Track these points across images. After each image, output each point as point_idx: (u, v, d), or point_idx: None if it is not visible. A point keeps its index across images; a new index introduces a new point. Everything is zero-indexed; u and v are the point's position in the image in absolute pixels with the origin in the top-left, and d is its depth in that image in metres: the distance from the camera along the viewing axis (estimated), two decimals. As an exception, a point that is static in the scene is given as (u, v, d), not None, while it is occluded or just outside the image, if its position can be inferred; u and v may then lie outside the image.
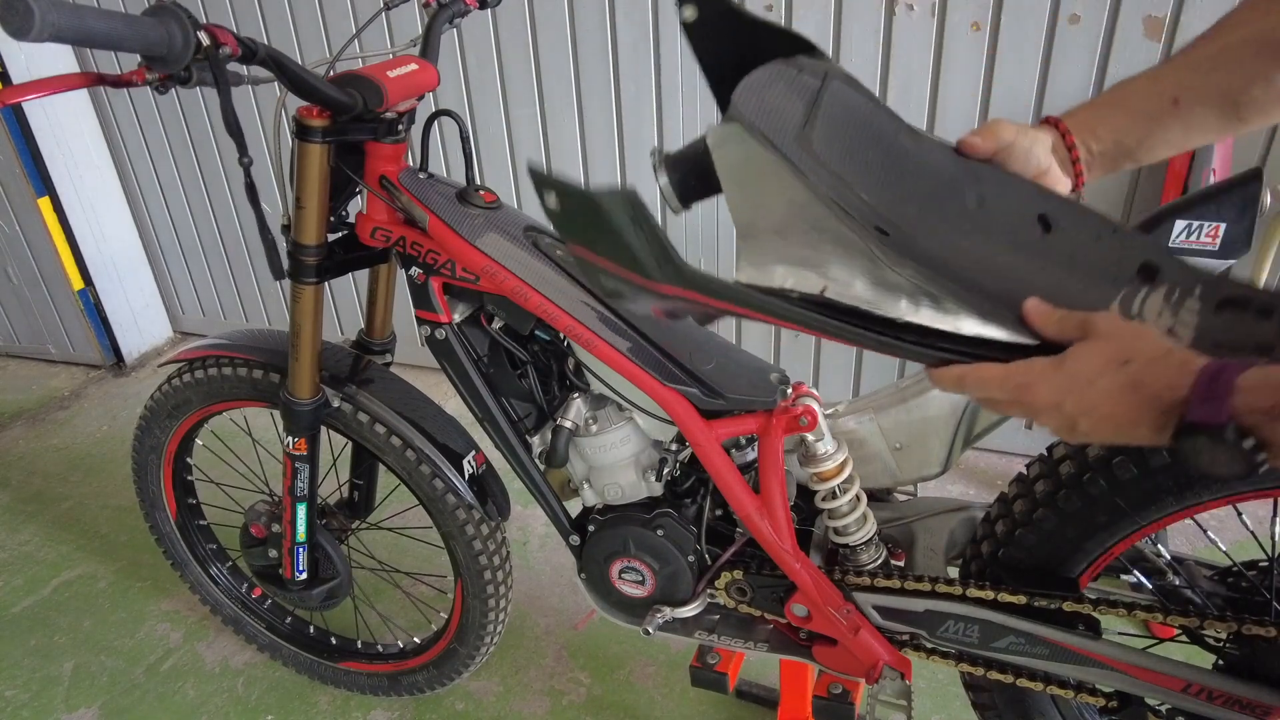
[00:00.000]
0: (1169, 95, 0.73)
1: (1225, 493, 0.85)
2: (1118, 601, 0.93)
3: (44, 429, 2.64)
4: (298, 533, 1.32)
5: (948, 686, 1.52)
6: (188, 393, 1.37)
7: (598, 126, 2.16)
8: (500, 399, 1.15)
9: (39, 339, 3.05)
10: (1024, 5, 1.68)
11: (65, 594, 1.93)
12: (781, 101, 0.71)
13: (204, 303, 3.07)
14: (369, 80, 0.98)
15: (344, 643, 1.62)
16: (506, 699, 1.59)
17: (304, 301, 1.14)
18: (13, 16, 0.68)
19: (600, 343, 1.00)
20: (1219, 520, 1.72)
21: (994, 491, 1.08)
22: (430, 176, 1.08)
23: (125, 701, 1.64)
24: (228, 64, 0.83)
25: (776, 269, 0.70)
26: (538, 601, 1.80)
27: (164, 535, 1.60)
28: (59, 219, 2.72)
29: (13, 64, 2.48)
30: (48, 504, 2.26)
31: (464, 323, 1.13)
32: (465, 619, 1.40)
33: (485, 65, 2.20)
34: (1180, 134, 0.75)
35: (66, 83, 0.87)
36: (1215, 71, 0.72)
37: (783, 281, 0.70)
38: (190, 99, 2.64)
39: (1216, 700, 0.90)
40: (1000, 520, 1.00)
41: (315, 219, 1.09)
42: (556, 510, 1.20)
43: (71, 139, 2.70)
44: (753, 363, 1.06)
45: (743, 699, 1.53)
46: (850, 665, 1.10)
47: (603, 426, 1.10)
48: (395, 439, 1.25)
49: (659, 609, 1.15)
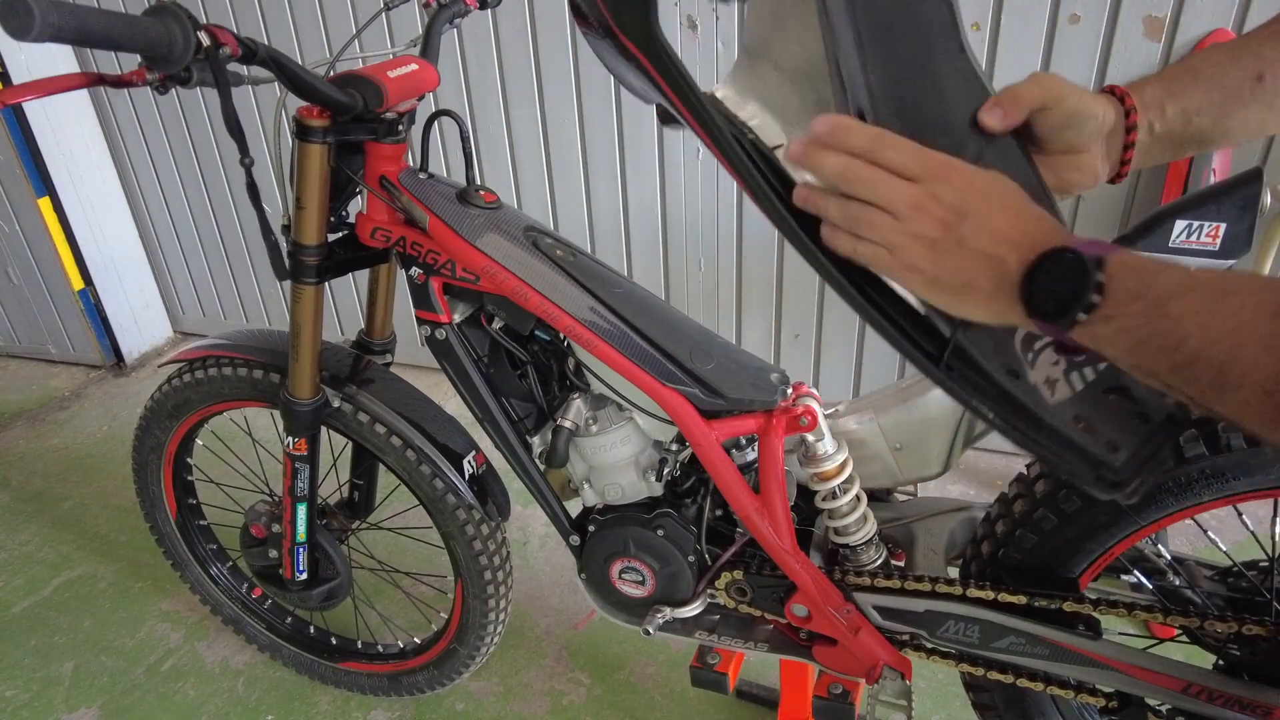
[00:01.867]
0: (1252, 70, 0.64)
1: (1225, 493, 0.85)
2: (1118, 602, 0.93)
3: (44, 429, 2.64)
4: (298, 533, 1.32)
5: (948, 687, 1.52)
6: (188, 393, 1.37)
7: (598, 126, 2.16)
8: (500, 399, 1.15)
9: (39, 339, 3.05)
10: (1024, 5, 1.68)
11: (65, 594, 1.93)
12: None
13: (204, 303, 3.07)
14: (369, 80, 0.98)
15: (344, 643, 1.62)
16: (507, 699, 1.59)
17: (304, 302, 1.14)
18: (13, 16, 0.68)
19: (600, 343, 1.00)
20: (1219, 520, 1.72)
21: (994, 491, 1.08)
22: (430, 176, 1.08)
23: (125, 702, 1.64)
24: (228, 64, 0.83)
25: (751, 102, 0.65)
26: (538, 602, 1.80)
27: (164, 535, 1.60)
28: (59, 219, 2.72)
29: (13, 64, 2.48)
30: (48, 504, 2.26)
31: (464, 323, 1.13)
32: (465, 619, 1.40)
33: (485, 65, 2.20)
34: (1260, 115, 0.66)
35: (66, 83, 0.87)
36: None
37: (749, 118, 0.65)
38: (190, 99, 2.64)
39: (1217, 700, 0.90)
40: (1000, 520, 1.00)
41: (315, 219, 1.09)
42: (556, 510, 1.20)
43: (71, 139, 2.70)
44: (753, 363, 1.06)
45: (743, 699, 1.53)
46: (850, 665, 1.10)
47: (603, 427, 1.10)
48: (395, 439, 1.25)
49: (659, 609, 1.15)
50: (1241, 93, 0.65)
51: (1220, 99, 0.65)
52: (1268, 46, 0.65)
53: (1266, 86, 0.64)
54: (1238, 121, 0.66)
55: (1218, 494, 0.85)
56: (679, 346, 1.01)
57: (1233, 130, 0.66)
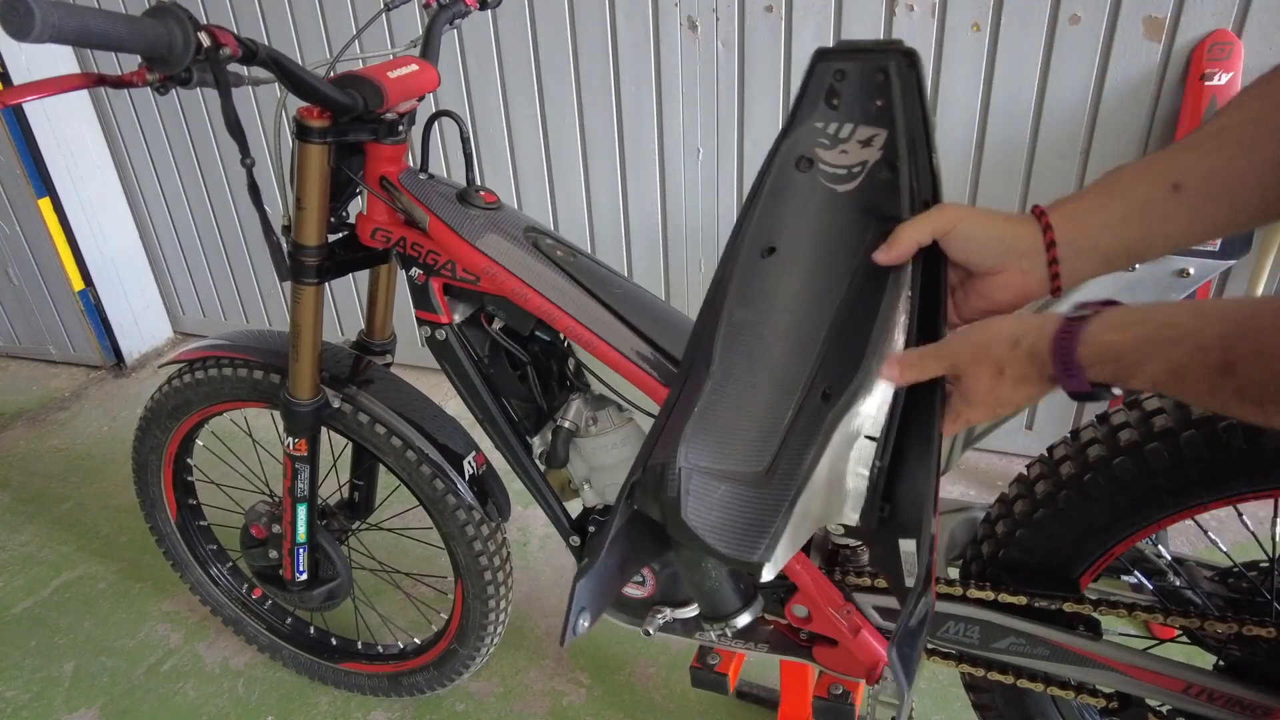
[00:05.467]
0: (1166, 180, 0.65)
1: (1225, 493, 0.85)
2: (1118, 602, 0.93)
3: (44, 429, 2.64)
4: (298, 533, 1.32)
5: (948, 687, 1.52)
6: (188, 393, 1.37)
7: (598, 126, 2.16)
8: (500, 400, 1.15)
9: (39, 339, 3.05)
10: (1024, 5, 1.69)
11: (65, 595, 1.93)
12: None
13: (204, 303, 3.07)
14: (369, 81, 0.98)
15: (344, 643, 1.62)
16: (507, 700, 1.59)
17: (304, 302, 1.14)
18: (13, 17, 0.68)
19: (600, 343, 1.00)
20: (1219, 521, 1.72)
21: (994, 492, 1.08)
22: (431, 177, 1.08)
23: (125, 702, 1.64)
24: (228, 65, 0.83)
25: None
26: (538, 602, 1.80)
27: (164, 536, 1.60)
28: (59, 219, 2.72)
29: (13, 65, 2.48)
30: (48, 504, 2.26)
31: (464, 323, 1.13)
32: (465, 620, 1.40)
33: (485, 66, 2.20)
34: (1186, 224, 0.66)
35: (67, 83, 0.87)
36: (1220, 151, 0.64)
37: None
38: (190, 100, 2.64)
39: (1217, 701, 0.90)
40: (1000, 521, 1.00)
41: (316, 220, 1.09)
42: (557, 511, 1.20)
43: (71, 139, 2.70)
44: (753, 363, 1.06)
45: (743, 700, 1.53)
46: (851, 666, 1.10)
47: (603, 427, 1.10)
48: (395, 440, 1.25)
49: (659, 609, 1.15)
50: (1160, 203, 0.66)
51: (1139, 210, 0.67)
52: (1186, 154, 0.65)
53: (1186, 195, 0.64)
54: (1160, 232, 0.67)
55: (1218, 494, 0.85)
56: (679, 346, 1.01)
57: (1156, 242, 0.67)
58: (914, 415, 0.74)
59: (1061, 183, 1.81)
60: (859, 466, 0.74)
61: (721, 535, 0.74)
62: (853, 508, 0.75)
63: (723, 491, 0.76)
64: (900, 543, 0.72)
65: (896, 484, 0.74)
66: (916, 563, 0.70)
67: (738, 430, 0.79)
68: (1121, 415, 0.90)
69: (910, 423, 0.74)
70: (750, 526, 0.73)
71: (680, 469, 0.77)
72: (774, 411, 0.79)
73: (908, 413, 0.73)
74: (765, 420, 0.79)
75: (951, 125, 1.84)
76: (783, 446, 0.77)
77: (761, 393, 0.80)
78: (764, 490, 0.75)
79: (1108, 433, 0.90)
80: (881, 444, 0.73)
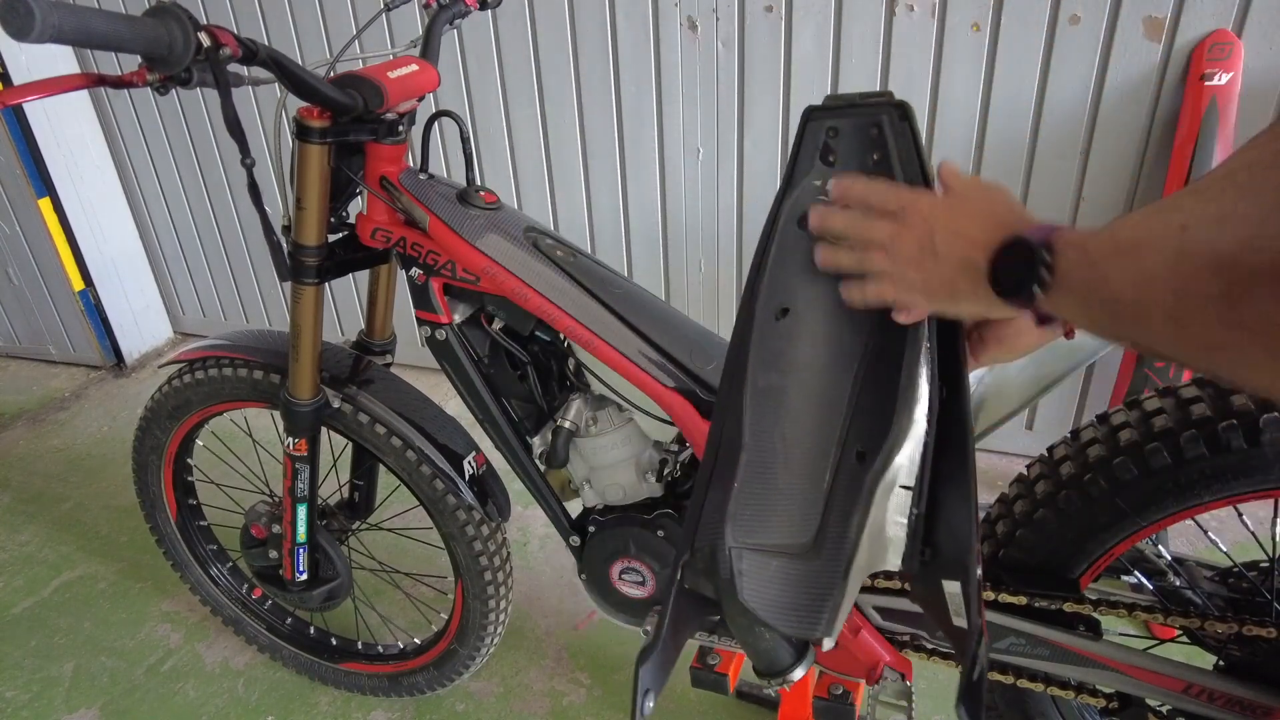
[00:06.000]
0: (1176, 223, 0.61)
1: (1226, 493, 0.85)
2: (1118, 602, 0.93)
3: (44, 429, 2.64)
4: (298, 533, 1.32)
5: (948, 687, 1.52)
6: (188, 393, 1.37)
7: (598, 126, 2.16)
8: (500, 400, 1.15)
9: (39, 340, 3.05)
10: (1024, 5, 1.69)
11: (65, 595, 1.93)
12: None
13: (204, 303, 3.07)
14: (369, 81, 0.98)
15: (344, 643, 1.62)
16: (507, 700, 1.59)
17: (304, 302, 1.14)
18: (14, 17, 0.68)
19: (600, 343, 1.00)
20: (1219, 521, 1.72)
21: (994, 492, 1.08)
22: (431, 177, 1.08)
23: (126, 702, 1.64)
24: (228, 65, 0.83)
25: None
26: (538, 602, 1.80)
27: (164, 536, 1.60)
28: (59, 219, 2.72)
29: (13, 65, 2.48)
30: (48, 504, 2.26)
31: (464, 323, 1.13)
32: (465, 620, 1.40)
33: (485, 66, 2.21)
34: None
35: (67, 84, 0.87)
36: (1223, 195, 0.60)
37: None
38: (191, 100, 2.64)
39: (1217, 701, 0.90)
40: (1001, 521, 1.00)
41: (315, 220, 1.09)
42: (557, 511, 1.20)
43: (71, 139, 2.70)
44: (753, 363, 1.06)
45: (743, 700, 1.53)
46: (851, 666, 1.10)
47: (603, 427, 1.10)
48: (396, 440, 1.25)
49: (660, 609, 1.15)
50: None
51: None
52: (1188, 199, 0.63)
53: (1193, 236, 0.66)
54: None
55: (1218, 494, 0.85)
56: (679, 346, 1.01)
57: None
58: (945, 460, 0.74)
59: (1061, 183, 1.81)
60: (897, 516, 0.75)
61: (781, 613, 0.76)
62: (894, 553, 0.77)
63: (775, 568, 0.77)
64: (944, 584, 0.73)
65: (935, 527, 0.75)
66: (963, 604, 0.71)
67: (779, 502, 0.80)
68: (1121, 415, 0.90)
69: (943, 468, 0.74)
70: (808, 601, 0.75)
71: (730, 549, 0.77)
72: (812, 477, 0.79)
73: (939, 457, 0.74)
74: (804, 488, 0.79)
75: (951, 125, 1.84)
76: (826, 514, 0.78)
77: (796, 461, 0.80)
78: (815, 563, 0.76)
79: (1108, 433, 0.90)
80: (917, 492, 0.74)
